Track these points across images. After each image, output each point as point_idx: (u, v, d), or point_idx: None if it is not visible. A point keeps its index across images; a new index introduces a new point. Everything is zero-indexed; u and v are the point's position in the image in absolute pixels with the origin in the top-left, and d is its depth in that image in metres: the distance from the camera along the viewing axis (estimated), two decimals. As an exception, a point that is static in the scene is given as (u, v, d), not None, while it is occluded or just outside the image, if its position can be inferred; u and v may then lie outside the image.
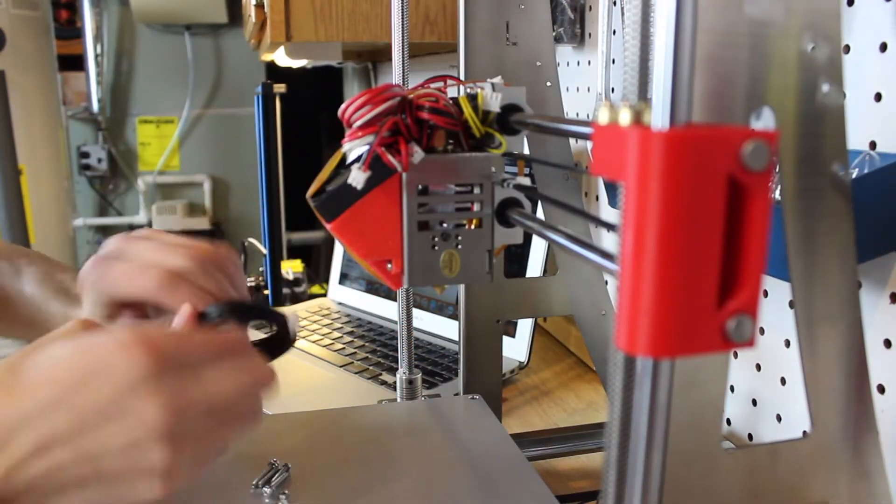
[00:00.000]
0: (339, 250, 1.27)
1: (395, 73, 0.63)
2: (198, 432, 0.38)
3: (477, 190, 0.50)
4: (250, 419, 0.42)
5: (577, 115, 1.07)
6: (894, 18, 0.54)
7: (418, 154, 0.46)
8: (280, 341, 0.47)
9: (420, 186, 0.48)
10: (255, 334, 0.50)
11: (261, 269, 1.49)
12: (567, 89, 1.08)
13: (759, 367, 0.70)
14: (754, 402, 0.71)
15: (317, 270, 2.49)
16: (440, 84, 0.50)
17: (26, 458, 0.36)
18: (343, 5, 1.15)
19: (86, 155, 2.77)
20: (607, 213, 1.00)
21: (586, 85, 1.03)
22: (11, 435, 0.36)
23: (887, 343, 0.55)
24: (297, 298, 1.46)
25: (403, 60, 0.62)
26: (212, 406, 0.39)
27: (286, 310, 0.48)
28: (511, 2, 0.64)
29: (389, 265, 0.49)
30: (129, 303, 0.50)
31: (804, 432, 0.40)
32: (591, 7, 1.00)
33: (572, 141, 0.76)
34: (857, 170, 0.54)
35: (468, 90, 0.49)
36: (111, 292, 0.49)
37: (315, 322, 1.15)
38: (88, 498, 0.37)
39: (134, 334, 0.37)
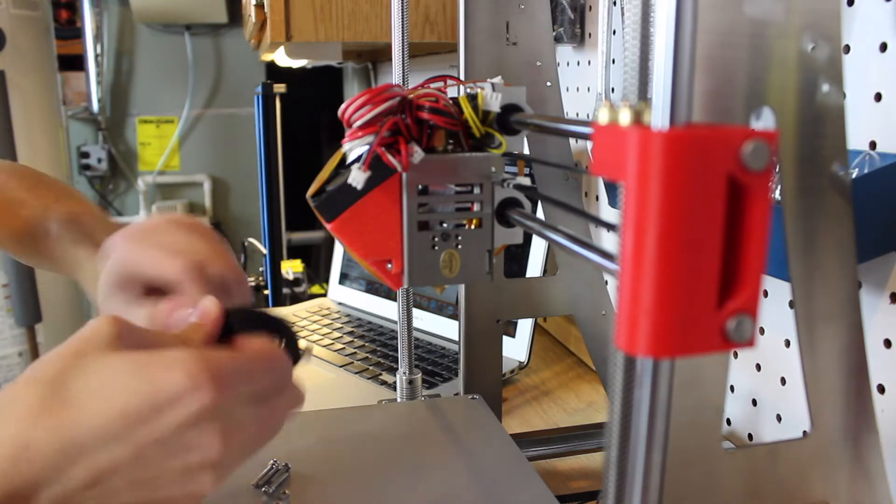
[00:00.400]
0: (339, 250, 1.27)
1: (395, 73, 0.63)
2: (240, 455, 0.40)
3: (477, 190, 0.50)
4: (274, 436, 0.43)
5: (577, 115, 1.07)
6: (894, 18, 0.54)
7: (418, 154, 0.46)
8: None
9: (420, 186, 0.48)
10: None
11: (261, 269, 1.49)
12: (567, 89, 1.08)
13: (759, 367, 0.70)
14: (754, 402, 0.71)
15: (317, 270, 2.49)
16: (440, 84, 0.50)
17: (80, 487, 0.36)
18: (343, 5, 1.15)
19: (86, 155, 2.76)
20: (607, 213, 1.00)
21: (586, 85, 1.03)
22: (66, 463, 0.35)
23: (887, 343, 0.55)
24: (297, 298, 1.46)
25: (403, 60, 0.62)
26: (260, 434, 0.41)
27: (284, 311, 0.48)
28: (511, 2, 0.64)
29: (389, 265, 0.49)
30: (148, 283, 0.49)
31: (804, 432, 0.40)
32: (591, 7, 1.00)
33: (572, 141, 0.76)
34: (857, 170, 0.54)
35: (468, 90, 0.49)
36: (136, 272, 0.49)
37: (315, 322, 1.15)
38: None
39: (199, 363, 0.37)
